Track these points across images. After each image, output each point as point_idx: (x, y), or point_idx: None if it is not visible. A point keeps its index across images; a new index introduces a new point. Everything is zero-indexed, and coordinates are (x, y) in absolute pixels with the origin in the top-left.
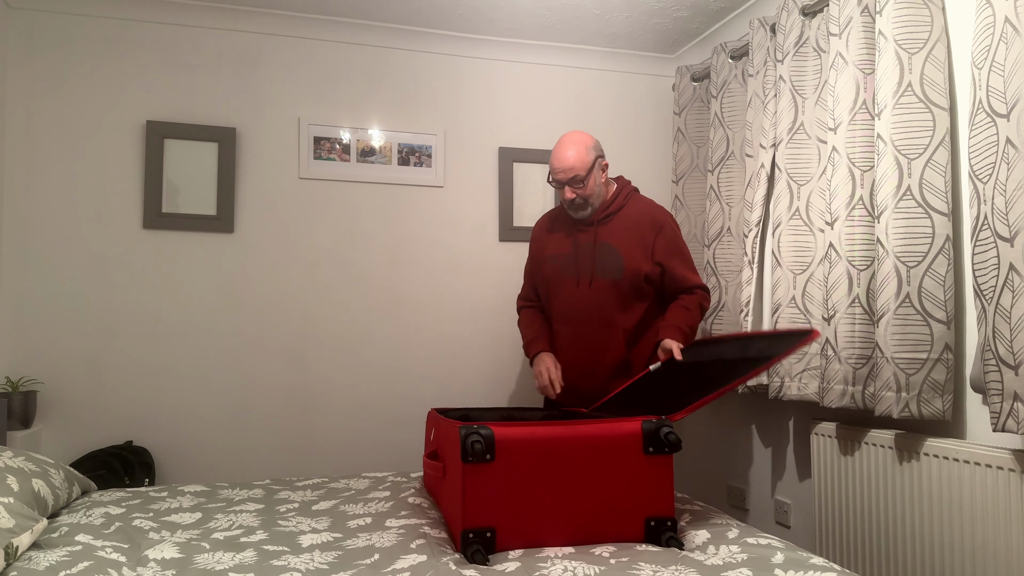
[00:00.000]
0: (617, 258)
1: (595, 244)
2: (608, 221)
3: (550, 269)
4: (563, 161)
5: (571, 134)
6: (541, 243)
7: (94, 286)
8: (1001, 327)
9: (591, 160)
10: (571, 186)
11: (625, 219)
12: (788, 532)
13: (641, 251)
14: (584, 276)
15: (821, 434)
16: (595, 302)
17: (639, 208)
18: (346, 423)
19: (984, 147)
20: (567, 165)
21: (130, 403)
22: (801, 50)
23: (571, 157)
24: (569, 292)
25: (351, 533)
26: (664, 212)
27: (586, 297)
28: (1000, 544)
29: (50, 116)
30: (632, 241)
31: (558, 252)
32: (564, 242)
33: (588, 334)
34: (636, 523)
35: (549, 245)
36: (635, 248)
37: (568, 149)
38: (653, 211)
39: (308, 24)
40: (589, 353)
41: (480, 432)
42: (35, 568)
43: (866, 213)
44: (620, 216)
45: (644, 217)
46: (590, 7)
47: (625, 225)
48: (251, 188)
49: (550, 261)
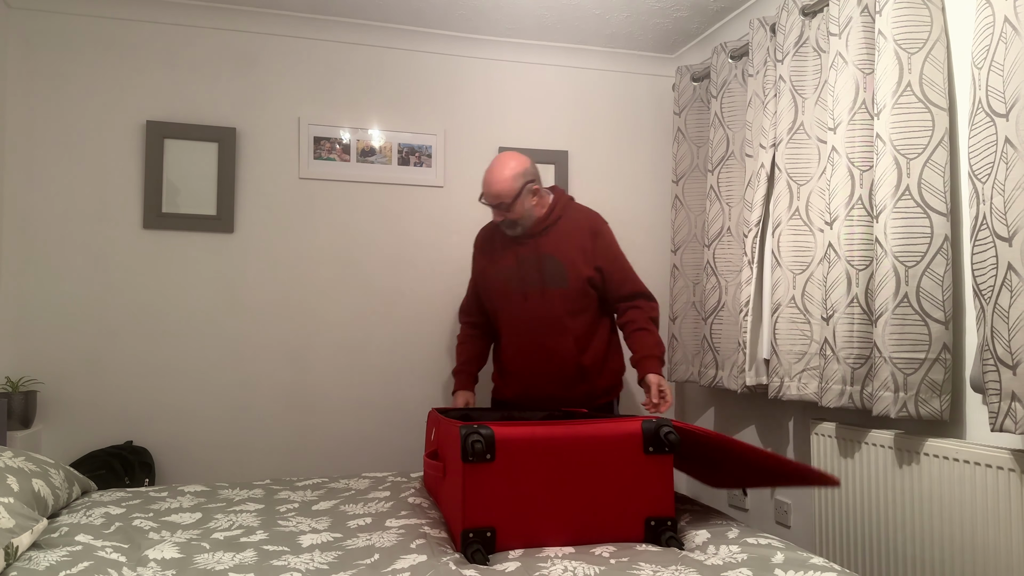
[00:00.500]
0: (560, 268)
1: (538, 256)
2: (546, 233)
3: (496, 283)
4: (489, 187)
5: (503, 158)
6: (483, 257)
7: (94, 286)
8: (999, 327)
9: (518, 187)
10: (498, 210)
11: (562, 229)
12: (788, 532)
13: (582, 257)
14: (531, 288)
15: (821, 434)
16: (544, 312)
17: (575, 217)
18: (346, 423)
19: (983, 147)
20: (492, 191)
21: (130, 403)
22: (801, 50)
23: (497, 184)
24: (517, 304)
25: (351, 533)
26: (599, 218)
27: (535, 308)
28: (1000, 544)
29: (50, 116)
30: (572, 249)
31: (502, 266)
32: (507, 256)
33: (540, 343)
34: (636, 523)
35: (492, 259)
36: (576, 255)
37: (496, 175)
38: (589, 218)
39: (308, 24)
40: (542, 361)
41: (481, 432)
42: (35, 568)
43: (865, 213)
44: (557, 227)
45: (581, 225)
46: (590, 7)
47: (563, 235)
48: (251, 188)
49: (495, 275)
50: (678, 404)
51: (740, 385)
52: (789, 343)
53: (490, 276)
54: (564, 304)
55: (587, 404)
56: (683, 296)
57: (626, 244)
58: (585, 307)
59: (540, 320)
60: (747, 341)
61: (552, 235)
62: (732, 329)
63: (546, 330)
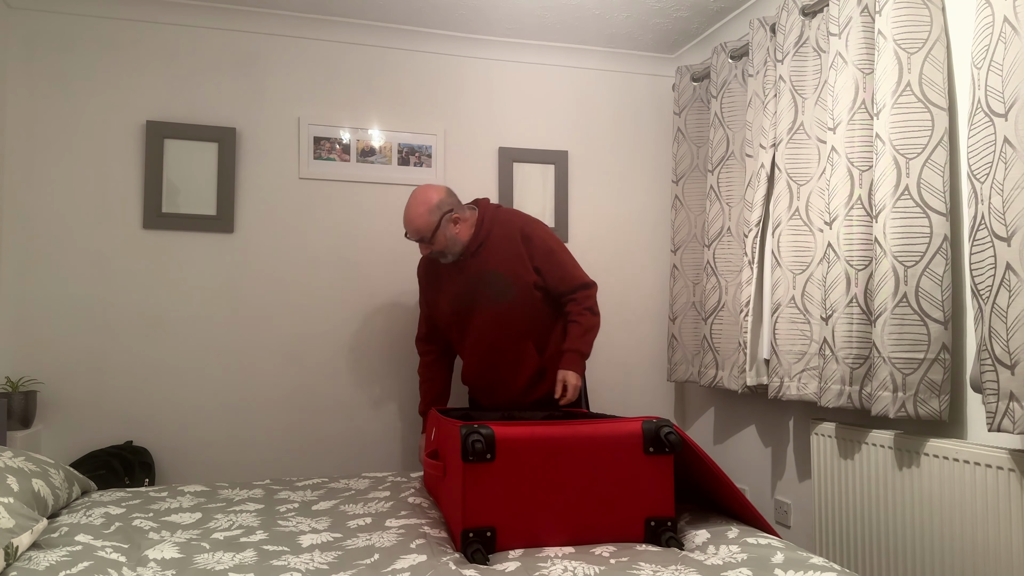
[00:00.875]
0: (503, 280)
1: (480, 275)
2: (481, 251)
3: (446, 309)
4: (409, 223)
5: (417, 194)
6: (429, 287)
7: (94, 286)
8: (997, 327)
9: (435, 220)
10: (423, 244)
11: (495, 243)
12: (788, 532)
13: (521, 264)
14: (481, 307)
15: (821, 434)
16: (500, 326)
17: (505, 226)
18: (346, 423)
19: (982, 147)
20: (412, 228)
21: (130, 403)
22: (801, 50)
23: (415, 221)
24: (474, 324)
25: (351, 533)
26: (528, 220)
27: (491, 324)
28: (1000, 544)
29: (50, 116)
30: (510, 259)
31: (448, 292)
32: (451, 281)
33: (500, 355)
34: (636, 523)
35: (437, 287)
36: (515, 264)
37: (412, 212)
38: (519, 224)
39: (308, 24)
40: (505, 371)
41: (481, 432)
42: (35, 568)
43: (864, 213)
44: (490, 242)
45: (511, 233)
46: (590, 7)
47: (497, 248)
48: (251, 188)
49: (444, 302)
50: (678, 404)
51: (740, 385)
52: (789, 343)
53: (440, 304)
54: (516, 313)
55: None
56: (683, 296)
57: (626, 244)
58: (537, 310)
59: (497, 334)
60: (747, 341)
61: (487, 251)
62: (732, 329)
63: (504, 342)
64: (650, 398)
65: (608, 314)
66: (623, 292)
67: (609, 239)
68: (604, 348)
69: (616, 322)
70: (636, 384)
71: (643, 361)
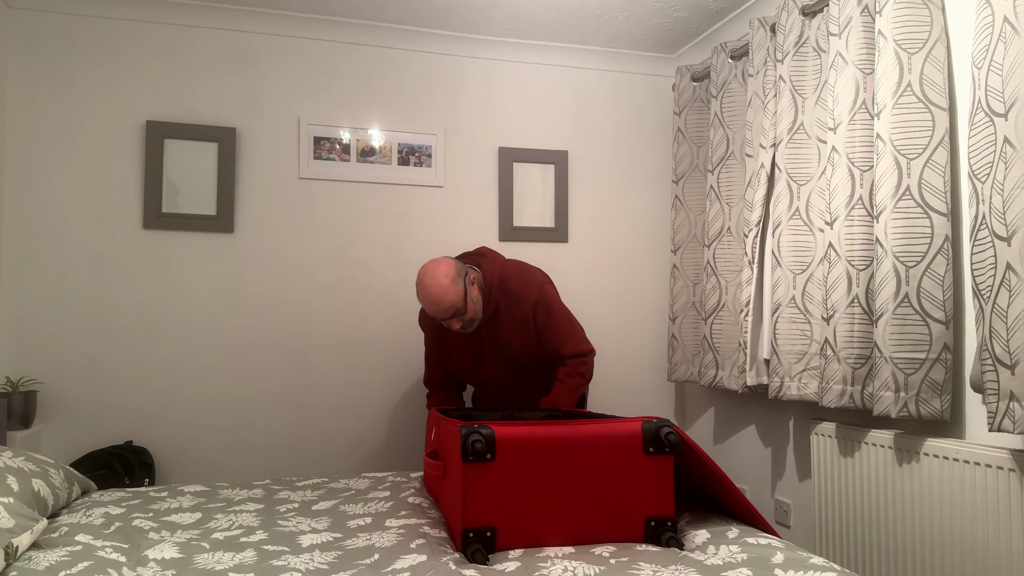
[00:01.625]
0: (511, 349)
1: (491, 341)
2: (491, 321)
3: (458, 363)
4: (440, 302)
5: (429, 270)
6: (438, 342)
7: (94, 286)
8: (998, 327)
9: (463, 288)
10: (456, 319)
11: (504, 318)
12: (788, 532)
13: (529, 336)
14: (492, 362)
15: (821, 434)
16: (509, 374)
17: (513, 298)
18: (346, 423)
19: (983, 147)
20: (446, 304)
21: (130, 403)
22: (801, 50)
23: (446, 296)
24: (484, 373)
25: (351, 533)
26: (532, 288)
27: (500, 371)
28: (1000, 544)
29: (50, 116)
30: (519, 332)
31: (460, 350)
32: (460, 342)
33: (512, 390)
34: (636, 523)
35: (448, 344)
36: (524, 335)
37: (439, 287)
38: (525, 292)
39: (308, 24)
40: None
41: (481, 431)
42: (35, 568)
43: (865, 213)
44: (499, 315)
45: (523, 307)
46: (590, 7)
47: (507, 322)
48: (251, 188)
49: (455, 357)
50: (678, 404)
51: (740, 385)
52: (789, 343)
53: (451, 357)
54: (526, 369)
55: None
56: (683, 296)
57: (626, 244)
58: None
59: (507, 380)
60: (747, 341)
61: (496, 323)
62: (732, 329)
63: (515, 383)
64: (650, 398)
65: (608, 314)
66: (623, 292)
67: (609, 239)
68: (604, 348)
69: (616, 322)
70: (636, 384)
71: (643, 361)
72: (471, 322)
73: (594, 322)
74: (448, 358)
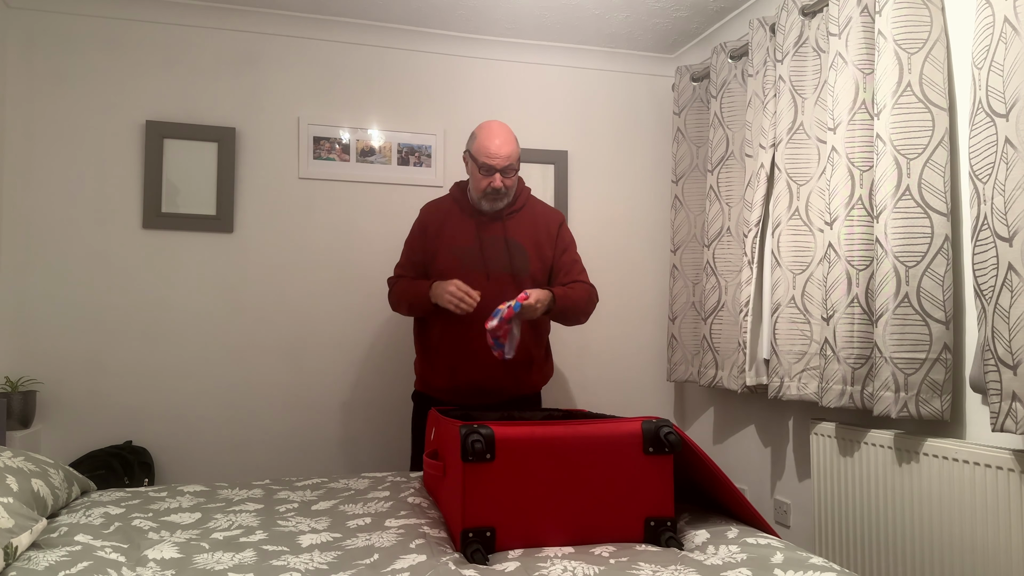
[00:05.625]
0: (524, 255)
1: (504, 239)
2: (513, 217)
3: (448, 261)
4: (503, 148)
5: (503, 124)
6: (437, 232)
7: (94, 286)
8: (1000, 327)
9: (519, 153)
10: (504, 175)
11: (527, 217)
12: (788, 532)
13: (547, 245)
14: (494, 270)
15: (821, 434)
16: (495, 297)
17: (540, 208)
18: (346, 423)
19: (984, 147)
20: (507, 152)
21: (130, 403)
22: (801, 50)
23: (510, 145)
24: (477, 284)
25: (350, 533)
26: (559, 213)
27: (486, 292)
28: (1000, 544)
29: (50, 116)
30: (538, 236)
31: (460, 244)
32: (467, 235)
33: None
34: (636, 523)
35: (448, 235)
36: (542, 243)
37: (508, 136)
38: (553, 212)
39: (308, 24)
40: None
41: (480, 431)
42: (34, 568)
43: (865, 213)
44: (522, 214)
45: (549, 216)
46: (590, 7)
47: (529, 223)
48: (251, 188)
49: (452, 253)
50: (678, 404)
51: (740, 385)
52: (789, 343)
53: (445, 253)
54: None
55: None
56: (683, 296)
57: (626, 244)
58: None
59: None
60: (747, 341)
61: (518, 220)
62: (732, 329)
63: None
64: (650, 398)
65: (608, 314)
66: (623, 292)
67: (609, 239)
68: (604, 348)
69: (616, 322)
70: (636, 384)
71: (643, 361)
72: (508, 192)
73: (594, 321)
74: (433, 258)
